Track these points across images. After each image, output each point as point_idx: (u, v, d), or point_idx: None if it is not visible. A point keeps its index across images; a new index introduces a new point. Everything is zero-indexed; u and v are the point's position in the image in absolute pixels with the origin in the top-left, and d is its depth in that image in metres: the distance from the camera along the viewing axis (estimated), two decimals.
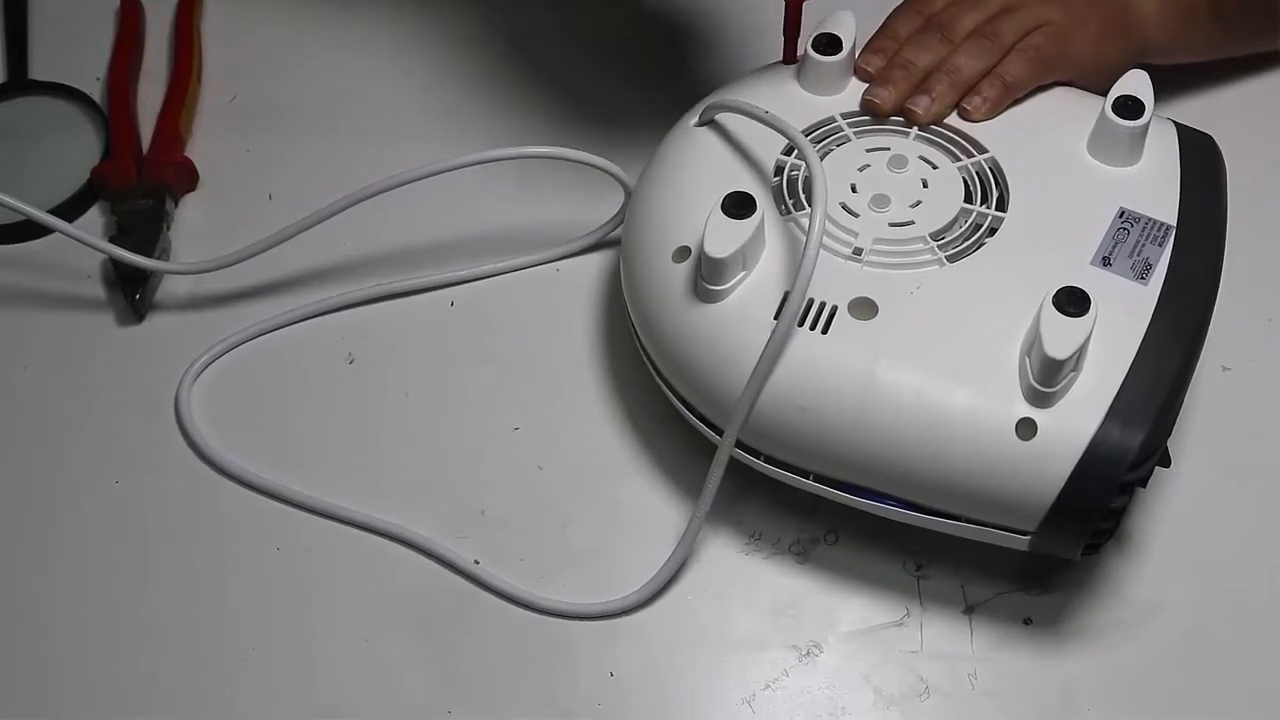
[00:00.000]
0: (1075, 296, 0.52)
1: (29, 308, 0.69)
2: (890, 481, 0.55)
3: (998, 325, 0.54)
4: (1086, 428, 0.52)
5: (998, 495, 0.53)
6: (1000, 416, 0.52)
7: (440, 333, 0.67)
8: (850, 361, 0.54)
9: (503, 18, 0.79)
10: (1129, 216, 0.57)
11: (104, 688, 0.58)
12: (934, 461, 0.53)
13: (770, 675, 0.57)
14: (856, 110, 0.62)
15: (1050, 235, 0.57)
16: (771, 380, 0.54)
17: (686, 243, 0.58)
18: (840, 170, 0.60)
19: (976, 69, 0.62)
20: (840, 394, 0.54)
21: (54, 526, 0.62)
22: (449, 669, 0.58)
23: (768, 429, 0.56)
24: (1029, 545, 0.54)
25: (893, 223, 0.58)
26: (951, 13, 0.65)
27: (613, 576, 0.59)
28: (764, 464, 0.57)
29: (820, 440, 0.55)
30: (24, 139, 0.75)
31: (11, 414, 0.66)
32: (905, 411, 0.53)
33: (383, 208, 0.64)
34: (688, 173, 0.61)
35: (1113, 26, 0.66)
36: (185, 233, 0.71)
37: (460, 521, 0.61)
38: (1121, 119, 0.59)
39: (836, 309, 0.55)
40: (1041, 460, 0.52)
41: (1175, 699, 0.56)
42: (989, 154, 0.60)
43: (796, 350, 0.54)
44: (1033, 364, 0.52)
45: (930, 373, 0.54)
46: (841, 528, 0.60)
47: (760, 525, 0.61)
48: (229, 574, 0.61)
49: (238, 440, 0.64)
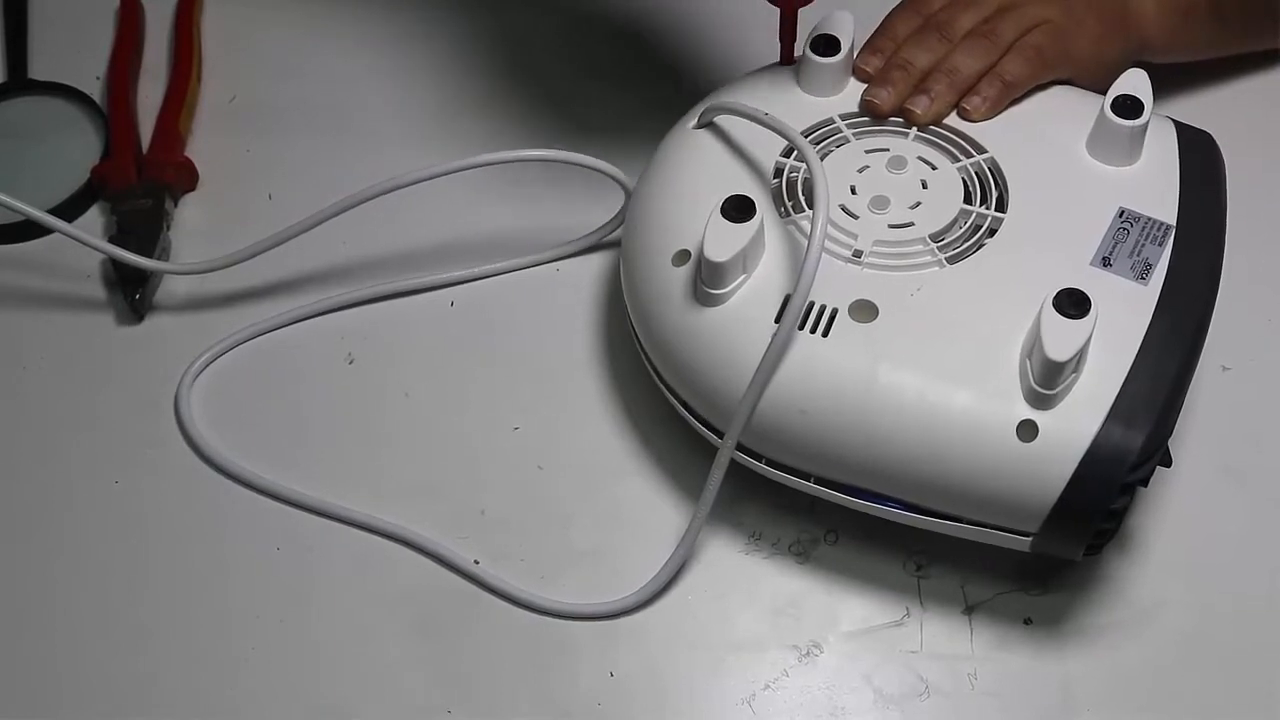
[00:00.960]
0: (1076, 298, 0.52)
1: (29, 308, 0.69)
2: (891, 483, 0.55)
3: (998, 327, 0.54)
4: (1087, 429, 0.52)
5: (999, 497, 0.53)
6: (1001, 418, 0.52)
7: (440, 333, 0.67)
8: (851, 364, 0.54)
9: (503, 18, 0.79)
10: (1129, 216, 0.57)
11: (104, 688, 0.58)
12: (935, 463, 0.53)
13: (770, 675, 0.57)
14: (855, 111, 0.62)
15: (1050, 236, 0.57)
16: (772, 383, 0.54)
17: (686, 246, 0.58)
18: (840, 172, 0.59)
19: (975, 68, 0.62)
20: (841, 397, 0.54)
21: (54, 526, 0.62)
22: (449, 669, 0.58)
23: (768, 432, 0.56)
24: (1030, 546, 0.54)
25: (892, 224, 0.58)
26: (950, 12, 0.65)
27: (613, 576, 0.59)
28: (765, 467, 0.57)
29: (821, 443, 0.55)
30: (24, 139, 0.75)
31: (11, 414, 0.66)
32: (906, 414, 0.53)
33: (382, 208, 0.64)
34: (687, 175, 0.61)
35: (1112, 25, 0.66)
36: (185, 232, 0.71)
37: (460, 521, 0.61)
38: (1121, 118, 0.59)
39: (837, 312, 0.55)
40: (1043, 462, 0.52)
41: (1175, 699, 0.56)
42: (988, 154, 0.60)
43: (797, 353, 0.54)
44: (1033, 366, 0.52)
45: (931, 375, 0.53)
46: (841, 528, 0.60)
47: (760, 525, 0.61)
48: (229, 574, 0.61)
49: (238, 440, 0.64)
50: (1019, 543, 0.54)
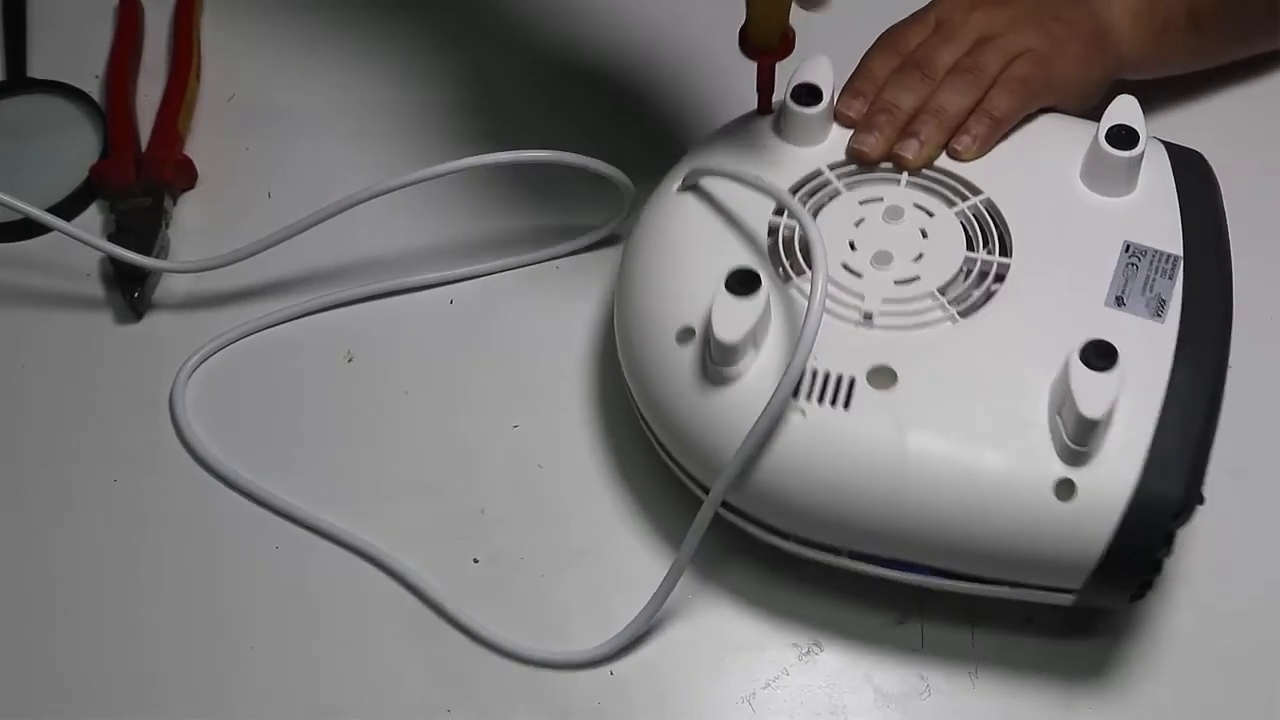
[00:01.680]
0: (1102, 350, 0.50)
1: (27, 306, 0.69)
2: (926, 552, 0.53)
3: (1021, 381, 0.53)
4: (1126, 481, 0.50)
5: (1039, 558, 0.52)
6: (1037, 479, 0.51)
7: (440, 332, 0.67)
8: (877, 435, 0.52)
9: (503, 19, 0.79)
10: (1135, 250, 0.56)
11: (103, 687, 0.58)
12: (972, 530, 0.52)
13: (770, 674, 0.57)
14: (842, 160, 0.60)
15: (1059, 278, 0.56)
16: (800, 462, 0.53)
17: (689, 323, 0.56)
18: (836, 228, 0.57)
19: (962, 106, 0.60)
20: (871, 470, 0.52)
21: (52, 525, 0.62)
22: (449, 669, 0.58)
23: (798, 511, 0.54)
24: (1073, 602, 0.53)
25: (898, 280, 0.56)
26: (928, 49, 0.63)
27: (612, 576, 0.59)
28: (795, 545, 0.55)
29: (854, 518, 0.53)
30: (23, 137, 0.75)
31: (10, 413, 0.66)
32: (939, 481, 0.52)
33: (382, 206, 0.64)
34: (680, 246, 0.59)
35: (1091, 45, 0.65)
36: (184, 231, 0.71)
37: (460, 521, 0.61)
38: (1116, 149, 0.57)
39: (854, 380, 0.53)
40: (1083, 519, 0.50)
41: (1175, 699, 0.56)
42: (984, 195, 0.58)
43: (820, 429, 0.53)
44: (1066, 423, 0.50)
45: (960, 439, 0.52)
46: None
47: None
48: (228, 573, 0.61)
49: (236, 440, 0.64)
50: (1061, 599, 0.53)
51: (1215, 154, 0.61)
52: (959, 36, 0.63)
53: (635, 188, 0.66)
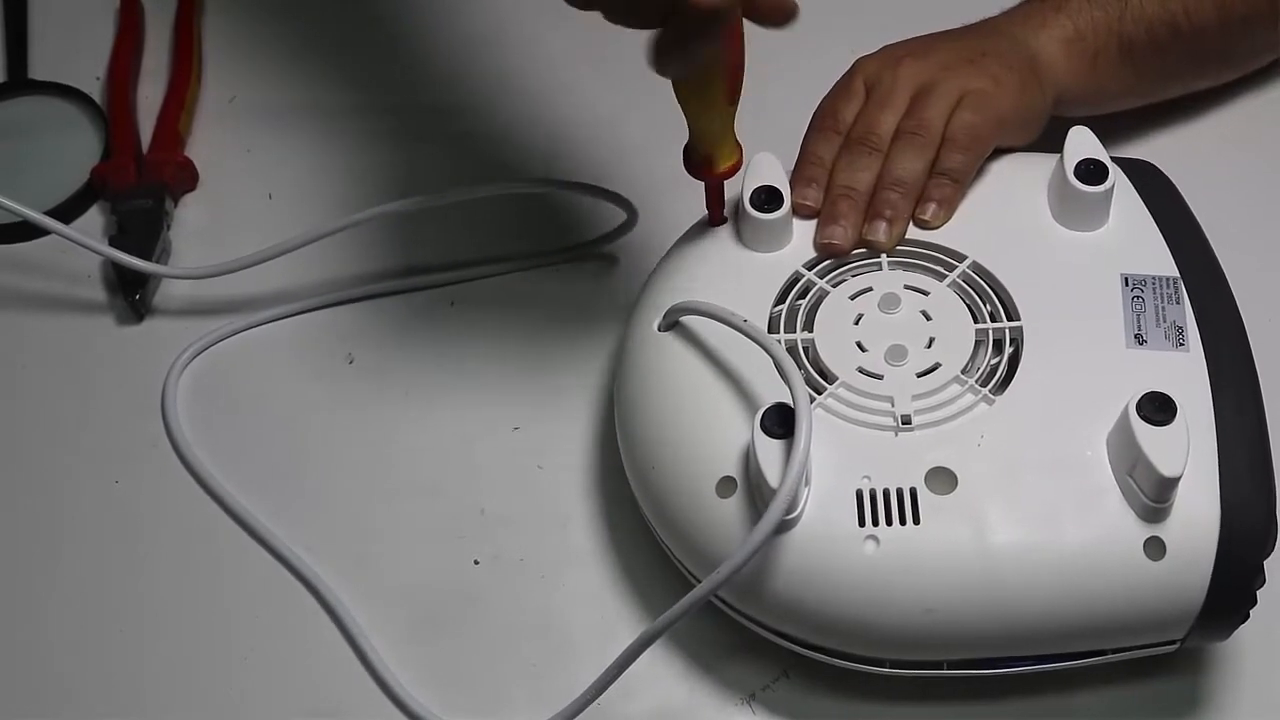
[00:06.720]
0: (1160, 404, 0.49)
1: (28, 308, 0.69)
2: (1030, 644, 0.52)
3: (1077, 447, 0.51)
4: (1209, 526, 0.50)
5: (1143, 620, 0.51)
6: (1126, 545, 0.50)
7: (440, 333, 0.67)
8: (959, 543, 0.50)
9: (503, 20, 0.79)
10: (1134, 281, 0.55)
11: (103, 688, 0.58)
12: (1073, 610, 0.50)
13: (771, 674, 0.57)
14: (815, 257, 0.58)
15: (1074, 329, 0.54)
16: (886, 592, 0.51)
17: (727, 473, 0.52)
18: (838, 331, 0.55)
19: (918, 170, 0.58)
20: (963, 581, 0.50)
21: (53, 526, 0.62)
22: (449, 669, 0.58)
23: (894, 639, 0.52)
24: (1178, 648, 0.53)
25: (919, 372, 0.54)
26: (868, 119, 0.60)
27: (613, 577, 0.59)
28: (889, 670, 0.53)
29: (953, 631, 0.51)
30: (24, 139, 0.75)
31: (11, 414, 0.66)
32: (1032, 573, 0.50)
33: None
34: (687, 392, 0.55)
35: (1027, 75, 0.63)
36: (185, 232, 0.71)
37: (460, 521, 0.61)
38: (1089, 185, 0.56)
39: (916, 491, 0.51)
40: (1178, 572, 0.50)
41: (1175, 699, 0.56)
42: (969, 259, 0.57)
43: (900, 552, 0.50)
44: (1143, 484, 0.49)
45: (1040, 524, 0.50)
46: None
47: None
48: (228, 573, 0.61)
49: (235, 439, 0.64)
50: (1165, 649, 0.53)
51: (1168, 161, 0.61)
52: (894, 98, 0.61)
53: (638, 212, 0.66)
